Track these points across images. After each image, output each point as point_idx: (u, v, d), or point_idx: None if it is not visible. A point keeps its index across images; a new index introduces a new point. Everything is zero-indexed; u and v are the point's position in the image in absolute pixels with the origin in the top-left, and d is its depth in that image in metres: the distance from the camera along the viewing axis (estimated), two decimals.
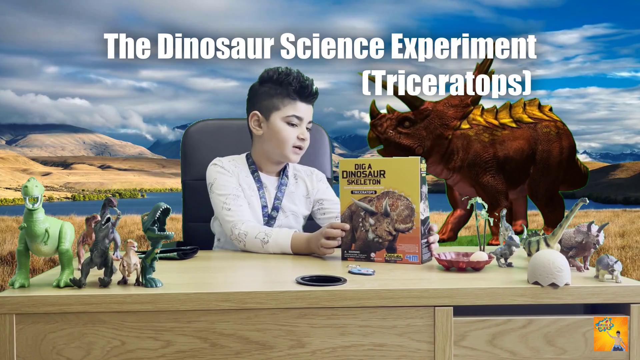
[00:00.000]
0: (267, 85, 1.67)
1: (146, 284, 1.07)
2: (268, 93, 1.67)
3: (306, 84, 1.65)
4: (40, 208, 1.06)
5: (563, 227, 1.20)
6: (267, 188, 1.71)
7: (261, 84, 1.69)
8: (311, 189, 1.77)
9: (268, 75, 1.68)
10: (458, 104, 4.99)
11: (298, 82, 1.64)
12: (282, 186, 1.73)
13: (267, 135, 1.68)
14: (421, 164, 1.33)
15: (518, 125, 5.24)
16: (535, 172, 5.28)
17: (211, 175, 1.68)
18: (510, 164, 5.17)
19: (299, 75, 1.65)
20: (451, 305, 1.06)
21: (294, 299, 1.04)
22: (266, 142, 1.69)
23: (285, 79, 1.64)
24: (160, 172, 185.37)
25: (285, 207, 1.71)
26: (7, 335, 1.01)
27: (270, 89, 1.67)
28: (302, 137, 1.67)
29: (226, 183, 1.65)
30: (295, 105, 1.66)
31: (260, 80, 1.70)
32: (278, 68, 1.68)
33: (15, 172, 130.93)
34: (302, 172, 1.79)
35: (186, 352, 1.04)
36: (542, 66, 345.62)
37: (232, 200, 1.62)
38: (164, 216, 1.08)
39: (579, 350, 1.07)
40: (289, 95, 1.65)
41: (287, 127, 1.66)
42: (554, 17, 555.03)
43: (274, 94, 1.66)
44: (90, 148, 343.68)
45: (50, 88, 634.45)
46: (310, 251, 1.46)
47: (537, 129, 5.29)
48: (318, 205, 1.77)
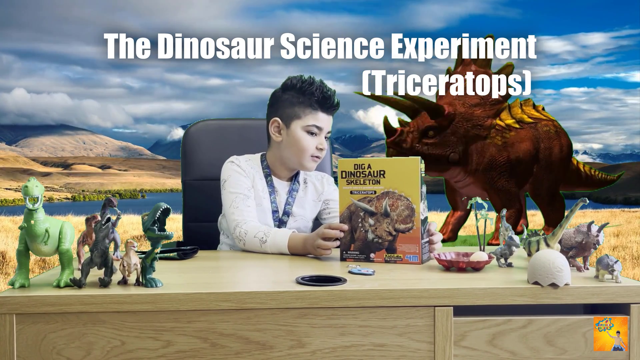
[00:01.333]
0: (290, 93, 1.68)
1: (146, 284, 1.07)
2: (290, 101, 1.67)
3: (328, 95, 1.66)
4: (41, 208, 1.06)
5: (563, 227, 1.20)
6: (278, 192, 1.72)
7: (284, 91, 1.70)
8: (321, 192, 1.78)
9: (291, 83, 1.68)
10: (480, 102, 4.85)
11: (321, 92, 1.65)
12: (293, 191, 1.74)
13: (286, 142, 1.69)
14: (421, 164, 1.33)
15: (521, 126, 5.24)
16: (539, 170, 5.26)
17: (226, 172, 1.69)
18: (521, 166, 5.13)
19: (321, 86, 1.66)
20: (451, 305, 1.06)
21: (294, 299, 1.04)
22: (285, 149, 1.70)
23: (309, 88, 1.65)
24: (160, 172, 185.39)
25: (295, 212, 1.73)
26: (7, 335, 1.01)
27: (292, 97, 1.67)
28: (320, 147, 1.67)
29: (239, 182, 1.66)
30: (316, 115, 1.66)
31: (283, 87, 1.71)
32: (301, 76, 1.69)
33: (15, 173, 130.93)
34: (312, 176, 1.80)
35: (186, 352, 1.04)
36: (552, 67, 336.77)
37: (242, 200, 1.63)
38: (164, 216, 1.08)
39: (579, 351, 1.07)
40: (310, 105, 1.65)
41: (307, 136, 1.66)
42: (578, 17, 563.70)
43: (296, 103, 1.66)
44: (90, 148, 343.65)
45: (51, 88, 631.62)
46: (306, 252, 1.46)
47: (537, 128, 5.29)
48: (324, 205, 1.78)
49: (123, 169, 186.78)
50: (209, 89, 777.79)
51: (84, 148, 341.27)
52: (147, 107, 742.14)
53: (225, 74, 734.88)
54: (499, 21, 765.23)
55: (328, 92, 1.66)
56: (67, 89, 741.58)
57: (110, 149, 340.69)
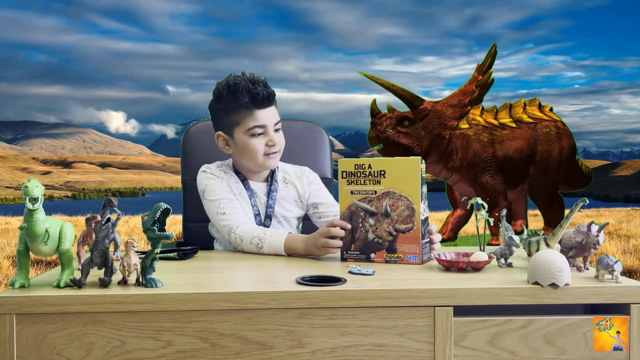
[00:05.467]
0: (221, 102, 1.63)
1: (146, 284, 1.07)
2: (224, 110, 1.62)
3: (256, 92, 1.58)
4: (41, 208, 1.06)
5: (563, 227, 1.20)
6: (257, 195, 1.69)
7: (217, 102, 1.65)
8: (302, 193, 1.74)
9: (219, 91, 1.63)
10: (456, 103, 5.00)
11: (248, 91, 1.58)
12: (272, 192, 1.70)
13: (236, 152, 1.66)
14: (421, 164, 1.33)
15: (518, 125, 5.24)
16: (535, 172, 5.27)
17: (202, 182, 1.66)
18: (510, 164, 5.17)
19: (247, 84, 1.59)
20: (451, 305, 1.06)
21: (294, 299, 1.04)
22: (238, 158, 1.67)
23: (235, 91, 1.59)
24: (160, 170, 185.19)
25: (278, 213, 1.69)
26: (7, 335, 1.01)
27: (225, 105, 1.62)
28: (271, 144, 1.62)
29: (218, 188, 1.63)
30: (253, 115, 1.60)
31: (215, 98, 1.66)
32: (228, 79, 1.62)
33: (15, 171, 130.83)
34: (292, 174, 1.75)
35: (186, 352, 1.04)
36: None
37: (226, 204, 1.60)
38: (164, 216, 1.08)
39: (579, 351, 1.07)
40: (243, 107, 1.59)
41: (252, 139, 1.61)
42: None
43: (229, 110, 1.61)
44: (90, 147, 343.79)
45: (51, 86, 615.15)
46: (307, 253, 1.44)
47: (537, 129, 5.28)
48: (313, 209, 1.74)
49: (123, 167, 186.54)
50: (209, 89, 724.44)
51: (84, 146, 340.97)
52: (147, 106, 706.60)
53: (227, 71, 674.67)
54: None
55: (256, 88, 1.58)
56: (68, 87, 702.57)
57: (110, 147, 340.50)
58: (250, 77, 1.62)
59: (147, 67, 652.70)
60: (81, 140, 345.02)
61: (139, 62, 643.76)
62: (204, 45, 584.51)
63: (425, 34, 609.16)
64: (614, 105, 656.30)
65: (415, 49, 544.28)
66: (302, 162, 1.85)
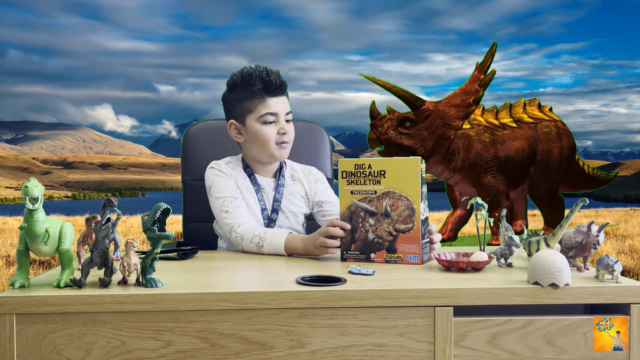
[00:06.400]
0: (235, 91, 1.67)
1: (146, 284, 1.07)
2: (237, 99, 1.67)
3: (269, 79, 1.63)
4: (41, 208, 1.06)
5: (563, 227, 1.20)
6: (264, 190, 1.70)
7: (230, 91, 1.69)
8: (309, 190, 1.76)
9: (233, 81, 1.67)
10: (460, 103, 4.98)
11: (261, 79, 1.63)
12: (279, 187, 1.72)
13: (248, 140, 1.68)
14: (421, 164, 1.33)
15: (519, 125, 5.25)
16: (536, 172, 5.28)
17: (209, 179, 1.68)
18: (511, 164, 5.17)
19: (261, 73, 1.64)
20: (451, 305, 1.06)
21: (294, 299, 1.04)
22: (250, 147, 1.69)
23: (249, 80, 1.63)
24: (160, 170, 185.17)
25: (285, 208, 1.71)
26: (7, 335, 1.01)
27: (238, 94, 1.66)
28: (282, 132, 1.65)
29: (224, 186, 1.64)
30: (265, 103, 1.64)
31: (228, 88, 1.70)
32: (242, 70, 1.68)
33: (15, 171, 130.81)
34: (299, 172, 1.78)
35: (186, 352, 1.04)
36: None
37: (230, 202, 1.61)
38: (164, 216, 1.08)
39: (579, 351, 1.07)
40: (256, 94, 1.63)
41: (264, 126, 1.64)
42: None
43: (243, 98, 1.65)
44: (90, 147, 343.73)
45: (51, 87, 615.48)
46: (307, 252, 1.45)
47: (537, 129, 5.29)
48: (318, 207, 1.76)
49: (123, 167, 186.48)
50: (210, 88, 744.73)
51: (84, 146, 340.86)
52: (147, 105, 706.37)
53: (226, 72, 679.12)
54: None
55: (269, 76, 1.63)
56: (68, 87, 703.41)
57: (110, 147, 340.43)
58: (264, 67, 1.66)
59: (130, 65, 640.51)
60: (81, 140, 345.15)
61: (121, 59, 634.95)
62: (187, 42, 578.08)
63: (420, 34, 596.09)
64: (621, 104, 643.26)
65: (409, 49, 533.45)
66: (302, 162, 1.85)
